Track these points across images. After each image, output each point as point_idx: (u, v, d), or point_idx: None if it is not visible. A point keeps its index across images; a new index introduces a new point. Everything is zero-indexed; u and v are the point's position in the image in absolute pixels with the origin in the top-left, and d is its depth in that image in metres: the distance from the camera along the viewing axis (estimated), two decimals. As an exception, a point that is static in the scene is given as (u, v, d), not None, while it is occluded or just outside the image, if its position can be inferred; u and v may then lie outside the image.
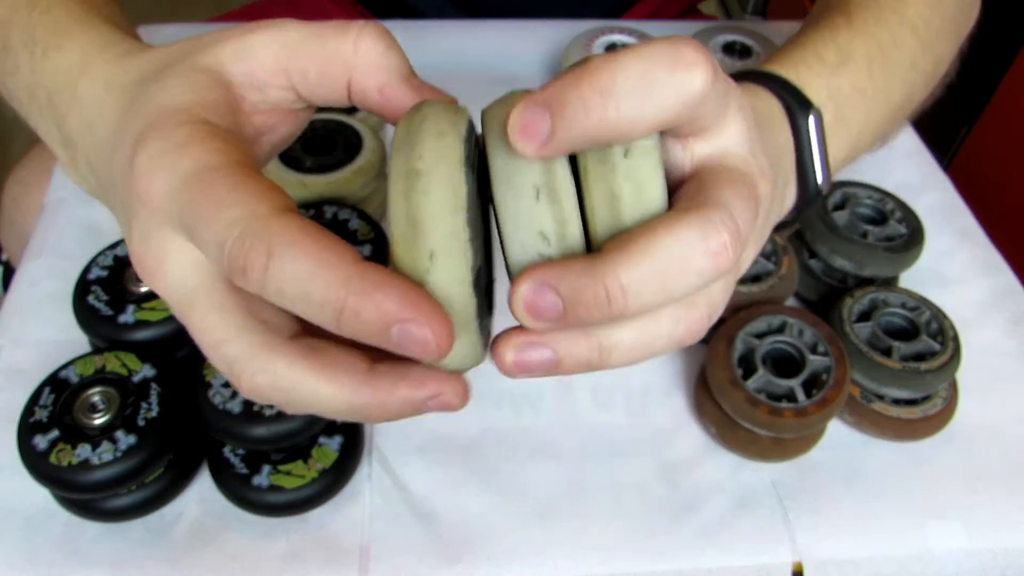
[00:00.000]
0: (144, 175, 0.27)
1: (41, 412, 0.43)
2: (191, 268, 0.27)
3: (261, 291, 0.25)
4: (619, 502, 0.48)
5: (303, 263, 0.24)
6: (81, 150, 0.33)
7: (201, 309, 0.27)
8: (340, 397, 0.26)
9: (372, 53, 0.31)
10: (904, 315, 0.52)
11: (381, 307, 0.24)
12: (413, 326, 0.24)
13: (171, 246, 0.27)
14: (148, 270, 0.28)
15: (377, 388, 0.26)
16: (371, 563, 0.44)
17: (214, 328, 0.27)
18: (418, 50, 0.75)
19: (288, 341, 0.27)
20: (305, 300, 0.24)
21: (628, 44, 0.69)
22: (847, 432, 0.52)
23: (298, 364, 0.26)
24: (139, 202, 0.27)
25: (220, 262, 0.25)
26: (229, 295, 0.27)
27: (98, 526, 0.45)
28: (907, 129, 0.73)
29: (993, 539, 0.47)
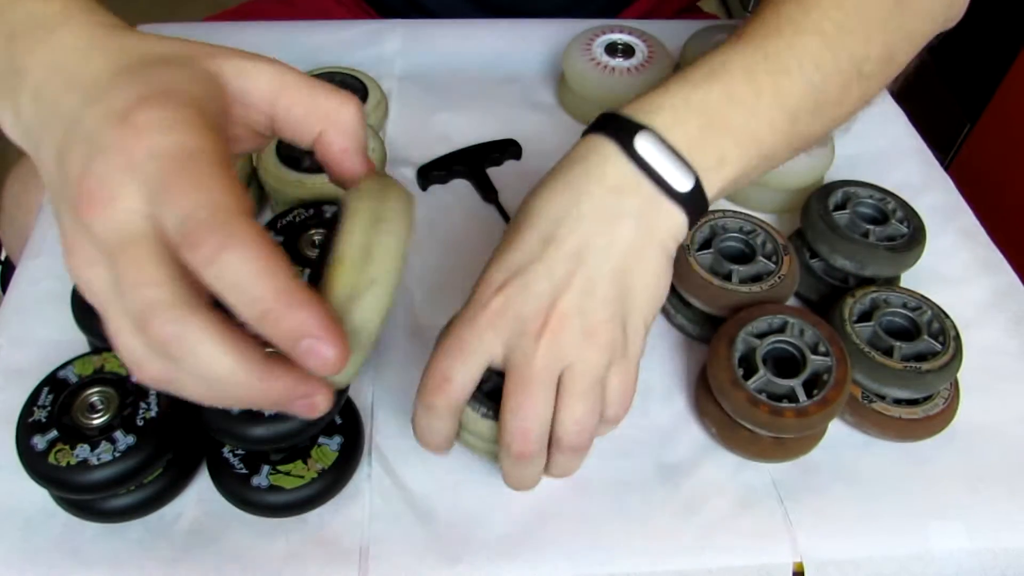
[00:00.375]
0: (137, 127, 0.30)
1: (40, 412, 0.43)
2: (139, 216, 0.29)
3: (201, 269, 0.28)
4: (619, 502, 0.47)
5: (250, 264, 0.28)
6: (32, 81, 0.34)
7: (137, 251, 0.29)
8: (235, 370, 0.30)
9: (350, 120, 0.37)
10: (905, 315, 0.52)
11: (303, 322, 0.29)
12: (322, 344, 0.29)
13: (126, 191, 0.29)
14: (94, 200, 0.29)
15: (269, 372, 0.30)
16: (371, 563, 0.44)
17: (144, 270, 0.29)
18: (418, 50, 0.75)
19: (209, 304, 0.30)
20: (237, 292, 0.29)
21: (628, 43, 0.69)
22: (848, 432, 0.52)
23: (212, 327, 0.29)
24: (116, 146, 0.30)
25: (175, 230, 0.29)
26: (167, 252, 0.29)
27: (97, 526, 0.45)
28: (908, 128, 0.73)
29: (994, 539, 0.47)
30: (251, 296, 0.29)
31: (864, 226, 0.56)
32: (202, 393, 0.31)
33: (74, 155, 0.31)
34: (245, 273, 0.29)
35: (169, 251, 0.29)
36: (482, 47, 0.75)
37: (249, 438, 0.42)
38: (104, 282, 0.30)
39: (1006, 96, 1.29)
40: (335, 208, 0.53)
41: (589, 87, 0.67)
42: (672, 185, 0.41)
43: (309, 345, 0.29)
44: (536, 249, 0.41)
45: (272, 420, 0.42)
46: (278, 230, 0.51)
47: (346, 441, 0.46)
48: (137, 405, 0.43)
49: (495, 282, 0.41)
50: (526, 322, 0.39)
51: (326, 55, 0.73)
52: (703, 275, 0.52)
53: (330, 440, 0.46)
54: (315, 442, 0.46)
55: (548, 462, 0.42)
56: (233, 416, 0.42)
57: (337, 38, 0.74)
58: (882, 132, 0.72)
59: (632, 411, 0.52)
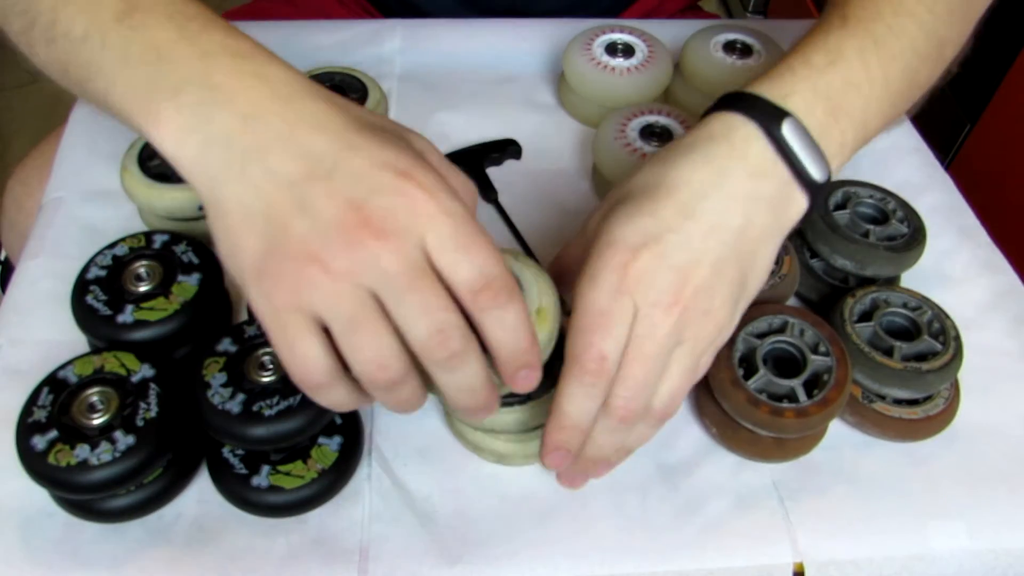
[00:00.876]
0: (421, 185, 0.35)
1: (40, 412, 0.43)
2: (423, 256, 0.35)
3: (484, 312, 0.36)
4: (619, 502, 0.47)
5: (522, 316, 0.37)
6: (243, 103, 0.36)
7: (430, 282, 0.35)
8: (483, 382, 0.38)
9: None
10: (906, 315, 0.52)
11: (534, 358, 0.38)
12: (534, 373, 0.39)
13: (415, 233, 0.34)
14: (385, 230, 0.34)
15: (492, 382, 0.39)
16: (370, 563, 0.44)
17: (440, 296, 0.35)
18: (419, 50, 0.75)
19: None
20: (510, 334, 0.37)
21: (628, 43, 0.69)
22: (848, 432, 0.52)
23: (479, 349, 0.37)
24: (399, 192, 0.34)
25: (471, 277, 0.35)
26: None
27: (97, 527, 0.45)
28: (909, 128, 0.72)
29: (995, 539, 0.47)
30: (519, 338, 0.37)
31: (864, 226, 0.55)
32: (455, 397, 0.38)
33: (331, 186, 0.34)
34: (518, 323, 0.37)
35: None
36: (482, 47, 0.75)
37: (249, 438, 0.42)
38: (352, 303, 0.34)
39: (1006, 96, 1.29)
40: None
41: (589, 87, 0.67)
42: (809, 172, 0.42)
43: (527, 374, 0.38)
44: (674, 220, 0.40)
45: (272, 420, 0.42)
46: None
47: (346, 441, 0.46)
48: (137, 405, 0.43)
49: (629, 245, 0.40)
50: (661, 293, 0.39)
51: (326, 55, 0.73)
52: (703, 275, 0.52)
53: (330, 440, 0.46)
54: (315, 442, 0.46)
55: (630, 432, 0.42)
56: (233, 416, 0.42)
57: (337, 38, 0.74)
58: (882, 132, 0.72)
59: (632, 411, 0.52)
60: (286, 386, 0.43)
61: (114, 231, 0.56)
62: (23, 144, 1.71)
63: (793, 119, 0.42)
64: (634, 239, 0.40)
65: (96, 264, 0.49)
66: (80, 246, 0.57)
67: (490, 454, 0.48)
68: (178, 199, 0.55)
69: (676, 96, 0.71)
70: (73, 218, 0.60)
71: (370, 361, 0.35)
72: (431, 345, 0.35)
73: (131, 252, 0.50)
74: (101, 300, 0.48)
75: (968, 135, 1.37)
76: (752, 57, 0.68)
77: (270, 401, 0.42)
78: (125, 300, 0.48)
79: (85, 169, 0.63)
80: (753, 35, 0.69)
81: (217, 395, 0.43)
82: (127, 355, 0.45)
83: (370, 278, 0.34)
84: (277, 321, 0.35)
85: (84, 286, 0.48)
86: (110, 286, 0.48)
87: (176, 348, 0.49)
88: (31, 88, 1.87)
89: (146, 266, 0.49)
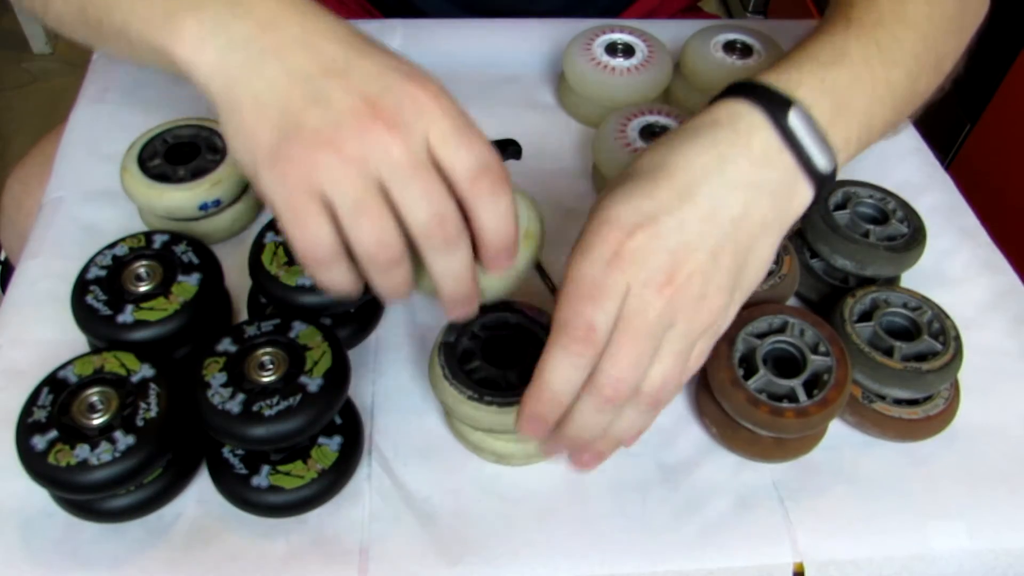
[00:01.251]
0: (426, 88, 0.39)
1: (39, 412, 0.43)
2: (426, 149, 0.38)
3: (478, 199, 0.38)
4: (619, 502, 0.47)
5: (510, 206, 0.39)
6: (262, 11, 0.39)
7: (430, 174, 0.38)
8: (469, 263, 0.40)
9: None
10: (906, 315, 0.52)
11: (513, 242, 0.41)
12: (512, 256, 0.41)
13: (419, 128, 0.37)
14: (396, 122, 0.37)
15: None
16: (371, 564, 0.44)
17: (438, 188, 0.38)
18: (418, 49, 0.75)
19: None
20: (499, 219, 0.39)
21: (628, 43, 0.69)
22: (848, 432, 0.52)
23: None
24: (405, 92, 0.38)
25: (468, 167, 0.38)
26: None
27: (97, 527, 0.45)
28: (909, 128, 0.72)
29: (995, 539, 0.47)
30: (506, 224, 0.39)
31: (864, 226, 0.55)
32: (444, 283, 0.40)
33: (346, 82, 0.37)
34: (508, 211, 0.39)
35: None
36: (482, 47, 0.75)
37: (249, 438, 0.42)
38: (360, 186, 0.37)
39: (1006, 96, 1.28)
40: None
41: (589, 87, 0.67)
42: (815, 162, 0.42)
43: (507, 255, 0.40)
44: (670, 202, 0.40)
45: (272, 420, 0.42)
46: (278, 230, 0.51)
47: (346, 441, 0.46)
48: (137, 405, 0.43)
49: (625, 224, 0.40)
50: (653, 272, 0.39)
51: (326, 55, 0.72)
52: (703, 275, 0.52)
53: (330, 440, 0.46)
54: (315, 442, 0.46)
55: (618, 417, 0.42)
56: (233, 416, 0.42)
57: (337, 38, 0.74)
58: (882, 132, 0.72)
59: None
60: (286, 386, 0.43)
61: (114, 231, 0.56)
62: (23, 144, 1.71)
63: (800, 108, 0.42)
64: (630, 218, 0.40)
65: (96, 264, 0.49)
66: (80, 246, 0.57)
67: (490, 454, 0.48)
68: (178, 199, 0.55)
69: (676, 96, 0.71)
70: (73, 218, 0.60)
71: (372, 241, 0.37)
72: (430, 229, 0.38)
73: (131, 252, 0.50)
74: (101, 300, 0.48)
75: (968, 135, 1.37)
76: (752, 57, 0.68)
77: (270, 401, 0.42)
78: (125, 300, 0.48)
79: (85, 169, 0.63)
80: (753, 35, 0.69)
81: (217, 395, 0.43)
82: (127, 355, 0.45)
83: (378, 164, 0.36)
84: (288, 202, 0.37)
85: (84, 286, 0.48)
86: (110, 286, 0.48)
87: (176, 348, 0.49)
88: (31, 88, 1.87)
89: (146, 266, 0.49)
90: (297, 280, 0.49)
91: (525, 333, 0.48)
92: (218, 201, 0.56)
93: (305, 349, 0.45)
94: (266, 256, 0.50)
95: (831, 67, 0.44)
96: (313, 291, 0.48)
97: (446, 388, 0.45)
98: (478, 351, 0.47)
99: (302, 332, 0.46)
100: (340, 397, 0.44)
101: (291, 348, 0.45)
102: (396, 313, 0.56)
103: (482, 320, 0.48)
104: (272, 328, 0.46)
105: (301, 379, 0.43)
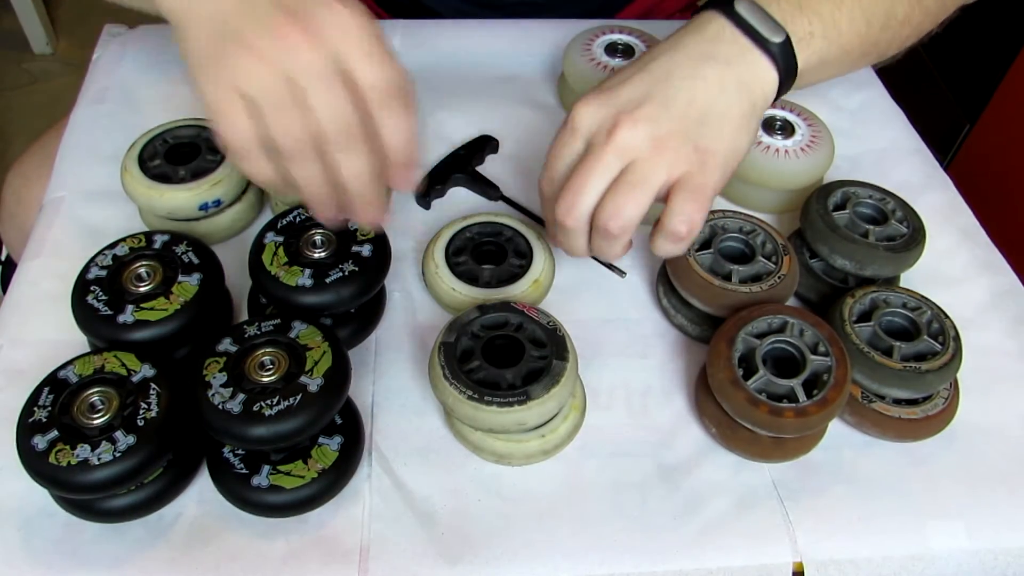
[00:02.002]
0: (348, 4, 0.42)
1: (40, 412, 0.43)
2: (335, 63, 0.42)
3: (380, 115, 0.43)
4: (619, 502, 0.47)
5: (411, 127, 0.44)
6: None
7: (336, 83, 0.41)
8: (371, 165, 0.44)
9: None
10: (905, 315, 0.52)
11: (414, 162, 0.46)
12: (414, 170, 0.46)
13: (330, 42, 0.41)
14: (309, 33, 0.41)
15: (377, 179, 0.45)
16: (371, 563, 0.44)
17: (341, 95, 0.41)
18: (418, 50, 0.75)
19: None
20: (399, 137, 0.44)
21: (628, 43, 0.69)
22: (848, 432, 0.52)
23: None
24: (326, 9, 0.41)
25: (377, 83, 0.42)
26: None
27: (97, 526, 0.45)
28: (908, 128, 0.73)
29: (994, 539, 0.47)
30: (408, 141, 0.44)
31: (864, 226, 0.56)
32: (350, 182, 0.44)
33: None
34: (410, 128, 0.44)
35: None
36: (482, 47, 0.75)
37: (249, 438, 0.42)
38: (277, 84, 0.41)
39: (1006, 96, 1.29)
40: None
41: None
42: (764, 35, 0.48)
43: (409, 170, 0.45)
44: (628, 75, 0.49)
45: (272, 420, 0.42)
46: (278, 230, 0.51)
47: (346, 441, 0.46)
48: (137, 405, 0.43)
49: (587, 97, 0.49)
50: (603, 122, 0.47)
51: (326, 55, 0.73)
52: (703, 275, 0.52)
53: (330, 440, 0.46)
54: (315, 442, 0.46)
55: (592, 243, 0.49)
56: (233, 416, 0.42)
57: (337, 38, 0.74)
58: (882, 132, 0.72)
59: (632, 411, 0.52)
60: (286, 386, 0.43)
61: (114, 231, 0.56)
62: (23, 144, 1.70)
63: (747, 1, 0.48)
64: (592, 94, 0.49)
65: (96, 264, 0.50)
66: (80, 246, 0.57)
67: (490, 454, 0.48)
68: (178, 199, 0.55)
69: (676, 96, 0.71)
70: (73, 218, 0.60)
71: (288, 133, 0.42)
72: (336, 129, 0.42)
73: (131, 252, 0.50)
74: (101, 300, 0.48)
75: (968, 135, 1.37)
76: (752, 57, 0.68)
77: (270, 401, 0.42)
78: (125, 300, 0.48)
79: (85, 169, 0.63)
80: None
81: (217, 395, 0.43)
82: (127, 355, 0.45)
83: (291, 66, 0.41)
84: (215, 98, 0.42)
85: (84, 286, 0.48)
86: (110, 286, 0.48)
87: (176, 348, 0.50)
88: (31, 88, 1.87)
89: (146, 266, 0.49)
90: (297, 280, 0.49)
91: (525, 333, 0.48)
92: (218, 201, 0.56)
93: (305, 349, 0.45)
94: (266, 256, 0.50)
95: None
96: (313, 291, 0.48)
97: (446, 388, 0.45)
98: (478, 351, 0.47)
99: (302, 332, 0.46)
100: (340, 397, 0.44)
101: (291, 348, 0.45)
102: (396, 313, 0.56)
103: (482, 320, 0.48)
104: (272, 328, 0.46)
105: (301, 379, 0.43)
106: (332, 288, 0.48)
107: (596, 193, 0.47)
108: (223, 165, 0.56)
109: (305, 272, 0.49)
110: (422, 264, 0.58)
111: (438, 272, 0.55)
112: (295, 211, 0.52)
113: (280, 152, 0.42)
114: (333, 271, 0.49)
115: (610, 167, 0.46)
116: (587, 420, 0.51)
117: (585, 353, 0.52)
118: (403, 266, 0.59)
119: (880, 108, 0.74)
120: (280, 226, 0.52)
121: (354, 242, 0.51)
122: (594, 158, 0.47)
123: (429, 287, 0.57)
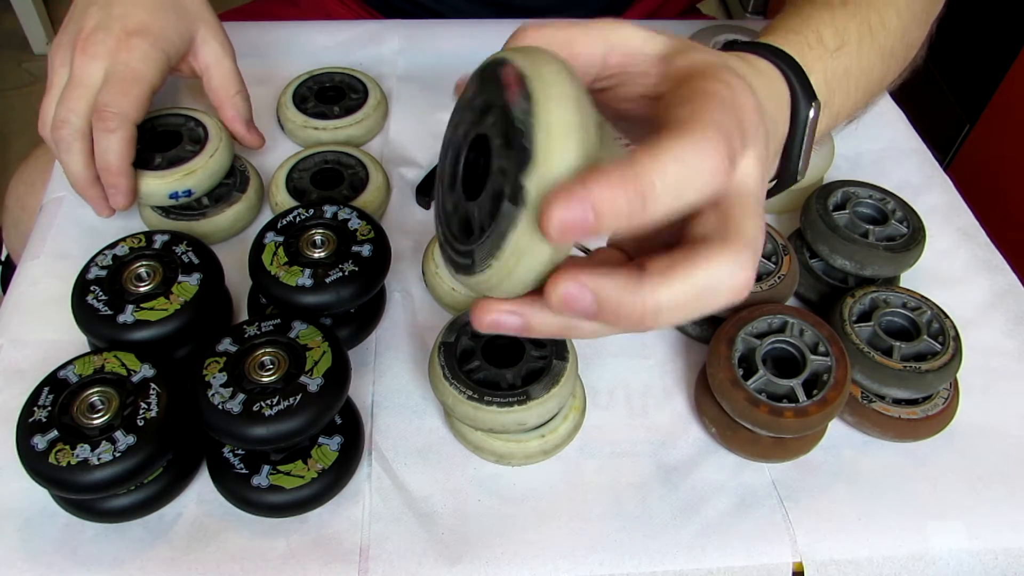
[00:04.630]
0: (129, 45, 0.56)
1: (40, 412, 0.43)
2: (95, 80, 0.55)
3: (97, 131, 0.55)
4: (619, 502, 0.47)
5: (123, 146, 0.55)
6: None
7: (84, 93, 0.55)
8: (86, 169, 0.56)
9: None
10: (905, 315, 0.52)
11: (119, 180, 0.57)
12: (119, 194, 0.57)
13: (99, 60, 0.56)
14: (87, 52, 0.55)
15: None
16: (371, 563, 0.44)
17: (81, 101, 0.55)
18: (418, 50, 0.75)
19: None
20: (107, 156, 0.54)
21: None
22: (848, 432, 0.52)
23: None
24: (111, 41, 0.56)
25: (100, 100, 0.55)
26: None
27: (97, 526, 0.45)
28: (908, 128, 0.73)
29: (994, 539, 0.47)
30: (111, 158, 0.54)
31: (864, 226, 0.56)
32: (100, 154, 0.54)
33: (99, 14, 0.56)
34: (117, 149, 0.54)
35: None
36: (482, 47, 0.74)
37: (249, 438, 0.42)
38: (61, 81, 0.56)
39: (1006, 96, 1.29)
40: (336, 208, 0.53)
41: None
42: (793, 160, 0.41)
43: (113, 193, 0.56)
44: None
45: (272, 420, 0.42)
46: (278, 230, 0.51)
47: (346, 441, 0.46)
48: (137, 405, 0.43)
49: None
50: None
51: (327, 55, 0.73)
52: (703, 275, 0.52)
53: (330, 440, 0.46)
54: (315, 442, 0.46)
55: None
56: (233, 416, 0.42)
57: (337, 38, 0.74)
58: (882, 132, 0.72)
59: (632, 411, 0.52)
60: (286, 386, 0.43)
61: (114, 231, 0.56)
62: (24, 144, 1.71)
63: (818, 107, 0.41)
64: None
65: (96, 264, 0.50)
66: (80, 246, 0.57)
67: (490, 454, 0.48)
68: (149, 185, 0.56)
69: (676, 96, 0.71)
70: (73, 218, 0.60)
71: (60, 118, 0.54)
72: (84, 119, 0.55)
73: (131, 252, 0.50)
74: (101, 300, 0.48)
75: (967, 135, 1.37)
76: (752, 57, 0.68)
77: (270, 401, 0.42)
78: (125, 300, 0.48)
79: (85, 169, 0.63)
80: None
81: (217, 395, 0.43)
82: (127, 355, 0.45)
83: (70, 73, 0.55)
84: (48, 81, 0.57)
85: (84, 286, 0.48)
86: (110, 286, 0.48)
87: (176, 348, 0.50)
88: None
89: (146, 266, 0.49)
90: (297, 280, 0.49)
91: None
92: (189, 191, 0.56)
93: (305, 349, 0.45)
94: (266, 256, 0.50)
95: (835, 55, 0.44)
96: (313, 291, 0.48)
97: (446, 388, 0.45)
98: (478, 351, 0.47)
99: (302, 332, 0.46)
100: (340, 397, 0.44)
101: (291, 348, 0.45)
102: (396, 313, 0.56)
103: None
104: (272, 328, 0.46)
105: (301, 379, 0.43)
106: (332, 288, 0.49)
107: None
108: (199, 156, 0.57)
109: (305, 272, 0.49)
110: (422, 264, 0.58)
111: (438, 272, 0.55)
112: (295, 211, 0.52)
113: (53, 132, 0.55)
114: (333, 271, 0.49)
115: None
116: (587, 420, 0.51)
117: (585, 353, 0.52)
118: (403, 266, 0.59)
119: (880, 108, 0.74)
120: (280, 226, 0.52)
121: (354, 242, 0.51)
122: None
123: (429, 287, 0.57)
